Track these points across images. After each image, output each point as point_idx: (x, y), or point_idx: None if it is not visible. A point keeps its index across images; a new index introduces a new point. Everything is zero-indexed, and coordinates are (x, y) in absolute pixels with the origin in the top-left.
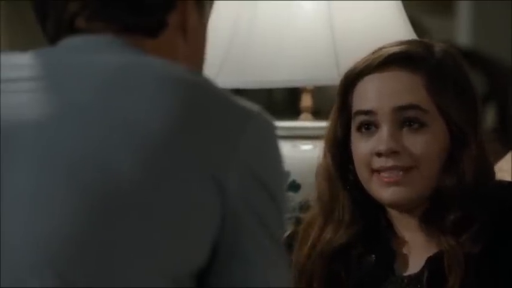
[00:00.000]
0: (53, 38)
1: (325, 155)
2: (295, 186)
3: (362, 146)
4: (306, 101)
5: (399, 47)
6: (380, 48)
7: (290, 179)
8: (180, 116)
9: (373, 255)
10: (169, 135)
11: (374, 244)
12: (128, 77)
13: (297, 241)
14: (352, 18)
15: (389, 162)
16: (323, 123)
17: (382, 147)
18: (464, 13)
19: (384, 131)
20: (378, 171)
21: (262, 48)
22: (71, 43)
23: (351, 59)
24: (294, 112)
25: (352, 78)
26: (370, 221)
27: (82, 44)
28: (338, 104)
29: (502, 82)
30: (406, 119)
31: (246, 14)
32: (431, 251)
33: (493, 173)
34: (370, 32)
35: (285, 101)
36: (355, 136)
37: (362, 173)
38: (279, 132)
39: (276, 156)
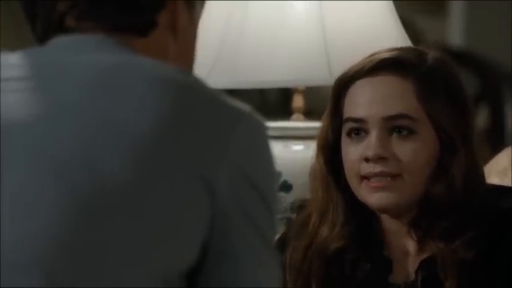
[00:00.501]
0: (43, 38)
1: (317, 157)
2: (286, 187)
3: (351, 152)
4: (298, 101)
5: (391, 52)
6: (373, 54)
7: (282, 180)
8: (170, 116)
9: (369, 264)
10: (158, 135)
11: (368, 251)
12: (118, 77)
13: (291, 240)
14: (344, 18)
15: (377, 168)
16: (315, 124)
17: (369, 153)
18: (456, 13)
19: (373, 136)
20: (367, 177)
21: (254, 49)
22: (60, 42)
23: (342, 60)
24: (286, 112)
25: (345, 82)
26: (363, 224)
27: (71, 43)
28: (330, 107)
29: (494, 83)
30: (396, 126)
31: (237, 14)
32: (424, 256)
33: (483, 180)
34: (361, 33)
35: (277, 101)
36: (345, 141)
37: (351, 180)
38: (271, 133)
39: (266, 156)
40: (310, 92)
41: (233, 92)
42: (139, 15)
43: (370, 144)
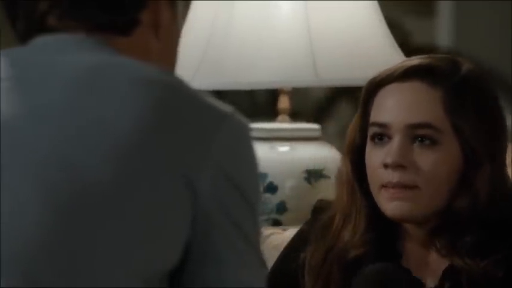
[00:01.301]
0: (24, 37)
1: (344, 160)
2: (272, 188)
3: (373, 157)
4: (284, 102)
5: (424, 59)
6: (406, 60)
7: (267, 181)
8: (153, 116)
9: None
10: (141, 135)
11: (387, 260)
12: (100, 77)
13: (313, 241)
14: (329, 19)
15: (395, 178)
16: (300, 125)
17: (389, 160)
18: (445, 14)
19: (395, 143)
20: (386, 186)
21: (239, 50)
22: (41, 42)
23: (328, 61)
24: (275, 114)
25: (374, 86)
26: (384, 231)
27: (52, 43)
28: (360, 111)
29: None
30: (419, 135)
31: (223, 15)
32: (445, 265)
33: (509, 193)
34: (347, 34)
35: (266, 102)
36: (369, 146)
37: (372, 185)
38: (257, 134)
39: (249, 157)
40: (296, 93)
41: (222, 93)
42: (121, 14)
43: (390, 150)
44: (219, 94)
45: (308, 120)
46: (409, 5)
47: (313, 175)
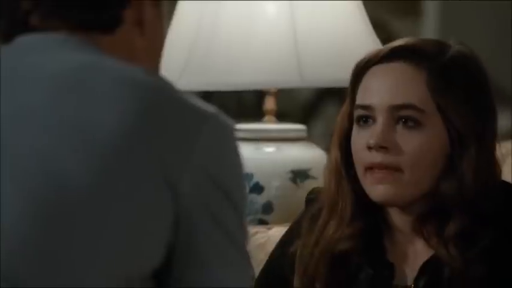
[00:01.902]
0: (7, 37)
1: (333, 147)
2: (258, 188)
3: (358, 139)
4: (270, 103)
5: (410, 40)
6: (392, 42)
7: (253, 181)
8: (135, 118)
9: (370, 271)
10: (122, 137)
11: (372, 255)
12: (82, 78)
13: (303, 235)
14: (315, 21)
15: (377, 159)
16: (286, 126)
17: (371, 141)
18: (430, 14)
19: (378, 125)
20: (370, 168)
21: (225, 51)
22: (23, 42)
23: (313, 63)
24: (262, 115)
25: (360, 69)
26: (370, 220)
27: (35, 42)
28: (348, 96)
29: None
30: (402, 116)
31: (208, 16)
32: (430, 254)
33: (498, 180)
34: (332, 36)
35: (253, 103)
36: (354, 129)
37: (358, 169)
38: (243, 134)
39: (233, 157)
40: (283, 94)
41: (210, 94)
42: (105, 12)
43: (374, 132)
44: (206, 95)
45: (295, 121)
46: (394, 5)
47: (299, 175)
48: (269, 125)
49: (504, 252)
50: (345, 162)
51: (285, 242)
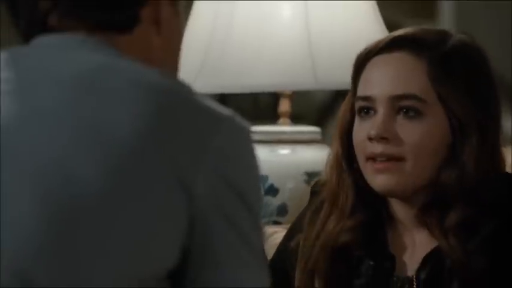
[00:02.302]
0: (26, 37)
1: (335, 140)
2: (273, 190)
3: (359, 130)
4: (284, 105)
5: (410, 30)
6: (393, 32)
7: (268, 183)
8: (150, 121)
9: (371, 262)
10: (137, 140)
11: (373, 247)
12: (99, 81)
13: (305, 228)
14: (329, 24)
15: (378, 149)
16: (301, 128)
17: (372, 132)
18: (445, 16)
19: (379, 116)
20: (371, 158)
21: (240, 54)
22: (41, 43)
23: (327, 65)
24: (277, 117)
25: (362, 60)
26: (372, 212)
27: (53, 43)
28: (351, 88)
29: None
30: (403, 107)
31: (223, 19)
32: (432, 246)
33: (500, 170)
34: (347, 38)
35: (269, 105)
36: (356, 120)
37: (359, 159)
38: (258, 137)
39: (248, 158)
40: (298, 97)
41: (226, 97)
42: (122, 11)
43: (374, 123)
44: (222, 97)
45: (310, 123)
46: (409, 7)
47: (314, 177)
48: (284, 127)
49: (506, 243)
50: (346, 156)
51: (288, 236)
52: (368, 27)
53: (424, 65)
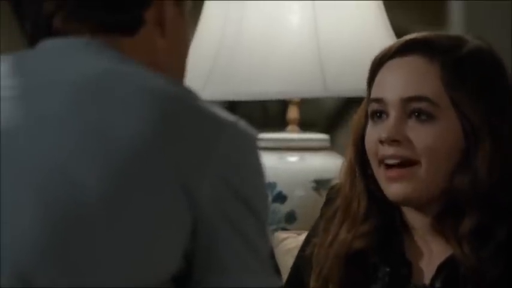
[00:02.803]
0: (32, 39)
1: (349, 146)
2: (281, 197)
3: (371, 134)
4: (293, 113)
5: (423, 34)
6: (406, 35)
7: (276, 190)
8: (153, 128)
9: (388, 269)
10: (142, 147)
11: (388, 253)
12: (104, 86)
13: (319, 235)
14: (338, 31)
15: (389, 151)
16: (309, 135)
17: (383, 135)
18: (456, 24)
19: (391, 118)
20: (383, 162)
21: (249, 61)
22: (46, 47)
23: (336, 73)
24: (286, 124)
25: (376, 65)
26: (385, 219)
27: (57, 46)
28: (366, 92)
29: None
30: (415, 109)
31: (232, 27)
32: (447, 254)
33: None
34: (356, 46)
35: (278, 112)
36: (369, 124)
37: (372, 164)
38: (266, 144)
39: (253, 165)
40: (307, 104)
41: (235, 104)
42: (127, 13)
43: (386, 126)
44: (232, 105)
45: (318, 131)
46: (418, 15)
47: (322, 185)
48: (292, 135)
49: None
50: (359, 161)
51: (305, 244)
52: (378, 34)
53: (437, 69)
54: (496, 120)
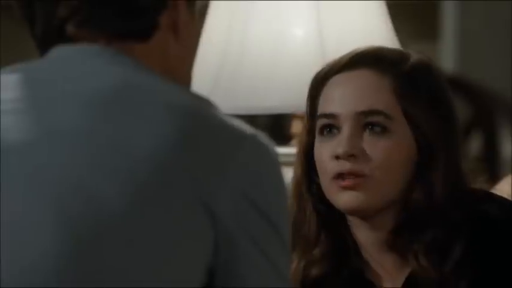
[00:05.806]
0: (42, 45)
1: (295, 167)
2: None
3: (322, 150)
4: (297, 127)
5: (369, 48)
6: (350, 51)
7: None
8: (171, 143)
9: None
10: (159, 161)
11: (347, 276)
12: (120, 101)
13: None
14: (343, 44)
15: (346, 167)
16: None
17: (340, 150)
18: (449, 38)
19: (344, 133)
20: (337, 177)
21: (253, 74)
22: (58, 55)
23: None
24: (278, 138)
25: (320, 79)
26: (339, 240)
27: (70, 55)
28: (307, 108)
29: (487, 109)
30: (369, 123)
31: (236, 40)
32: (405, 270)
33: (467, 188)
34: None
35: (268, 127)
36: (317, 139)
37: (323, 180)
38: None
39: (272, 177)
40: None
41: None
42: (142, 18)
43: (341, 141)
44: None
45: None
46: (412, 28)
47: None
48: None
49: (481, 261)
50: (306, 179)
51: None
52: (383, 45)
53: (388, 82)
54: (447, 133)
